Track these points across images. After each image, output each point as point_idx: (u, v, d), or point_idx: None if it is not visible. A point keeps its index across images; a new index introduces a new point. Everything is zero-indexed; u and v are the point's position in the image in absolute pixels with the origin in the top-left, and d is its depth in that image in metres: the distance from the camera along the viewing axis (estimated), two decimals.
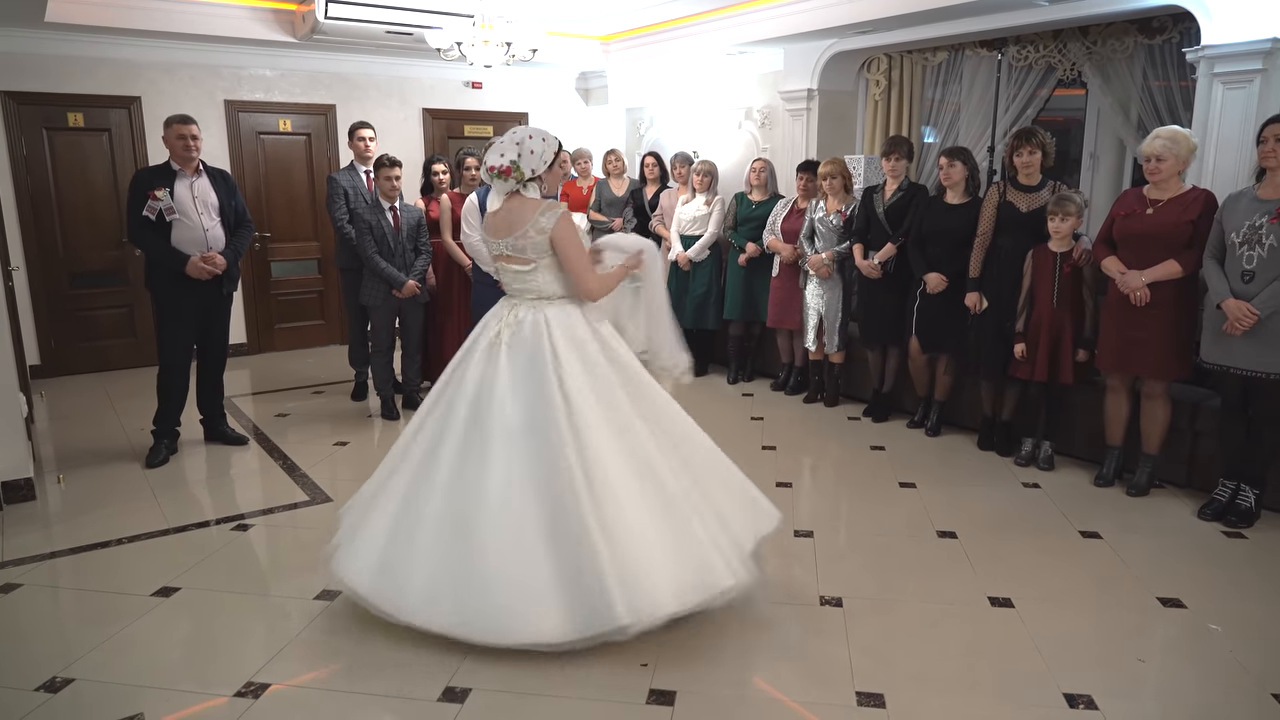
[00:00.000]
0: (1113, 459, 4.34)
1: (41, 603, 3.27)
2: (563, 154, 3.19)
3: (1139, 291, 3.96)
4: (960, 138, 6.36)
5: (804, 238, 5.67)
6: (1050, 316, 4.39)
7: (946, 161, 4.87)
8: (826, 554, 3.61)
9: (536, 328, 2.98)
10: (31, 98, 6.45)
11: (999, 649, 2.89)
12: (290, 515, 4.05)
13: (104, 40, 6.44)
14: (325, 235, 7.54)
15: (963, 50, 6.28)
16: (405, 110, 8.02)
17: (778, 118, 7.19)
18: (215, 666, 2.79)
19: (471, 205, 5.01)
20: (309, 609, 3.14)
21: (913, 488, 4.37)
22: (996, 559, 3.55)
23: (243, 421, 5.52)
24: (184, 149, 4.55)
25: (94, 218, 6.82)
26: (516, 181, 3.02)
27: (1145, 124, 5.43)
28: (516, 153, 2.99)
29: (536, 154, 3.01)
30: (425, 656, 2.82)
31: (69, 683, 2.69)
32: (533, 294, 3.06)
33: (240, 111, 7.27)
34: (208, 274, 4.58)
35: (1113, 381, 4.27)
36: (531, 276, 3.04)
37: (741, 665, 2.81)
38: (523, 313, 3.04)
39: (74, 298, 6.84)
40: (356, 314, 5.85)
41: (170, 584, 3.34)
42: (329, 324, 7.93)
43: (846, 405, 5.83)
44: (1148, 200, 4.02)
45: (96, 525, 3.91)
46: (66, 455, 4.91)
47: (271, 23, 6.61)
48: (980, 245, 4.69)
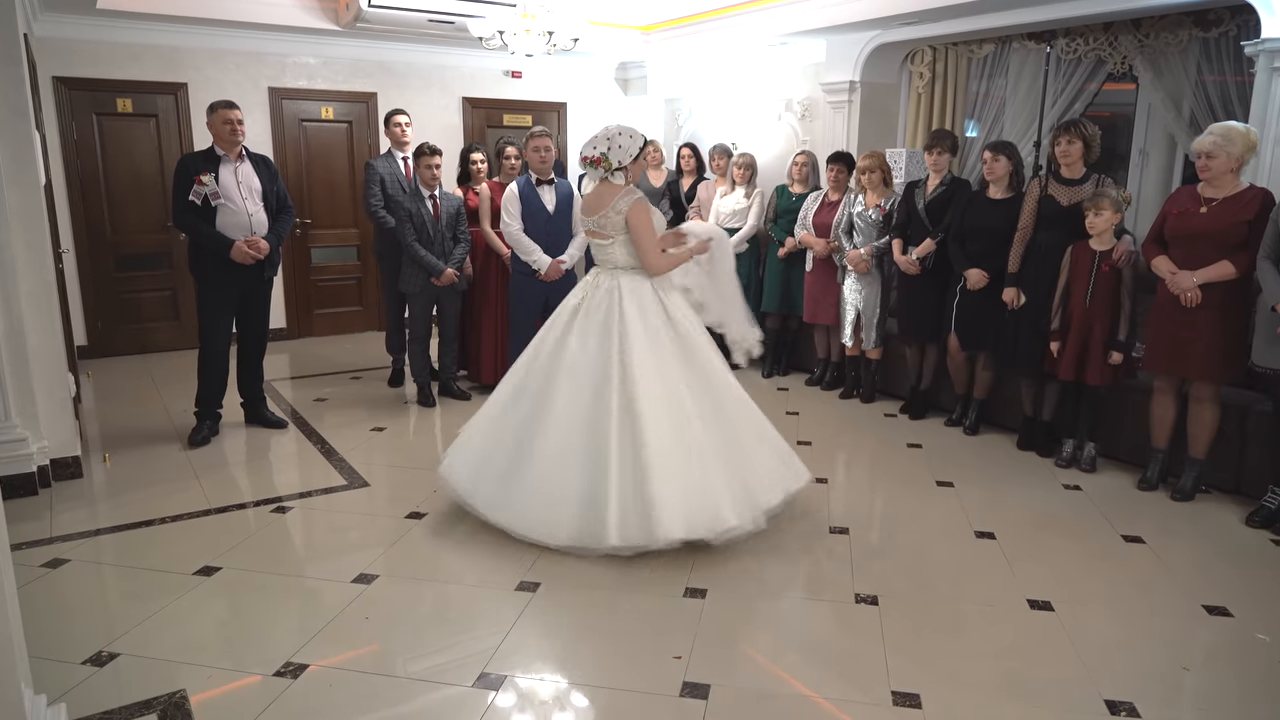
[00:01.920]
0: (1157, 462, 4.25)
1: (88, 578, 3.34)
2: (648, 148, 3.65)
3: (1190, 293, 3.86)
4: (1005, 132, 6.25)
5: (842, 232, 5.62)
6: (1082, 315, 4.30)
7: (991, 156, 4.78)
8: (862, 551, 3.58)
9: (610, 291, 3.62)
10: (82, 83, 6.58)
11: (1038, 652, 2.85)
12: (327, 499, 4.10)
13: (153, 27, 6.54)
14: (365, 222, 7.61)
15: (1010, 42, 6.17)
16: (446, 99, 8.06)
17: (818, 110, 7.11)
18: (254, 645, 2.83)
19: (511, 194, 5.02)
20: (345, 591, 3.18)
21: (950, 487, 4.32)
22: (1036, 561, 3.50)
23: (282, 405, 5.60)
24: (229, 134, 4.61)
25: (140, 202, 6.94)
26: (605, 170, 3.62)
27: (1198, 120, 5.30)
28: (607, 146, 3.59)
29: (624, 148, 3.60)
30: (462, 643, 2.85)
31: (114, 657, 2.74)
32: (611, 264, 3.70)
33: (284, 99, 7.35)
34: (251, 258, 4.64)
35: (1160, 383, 4.18)
36: (610, 249, 3.67)
37: (773, 661, 2.80)
38: (603, 279, 3.69)
39: (120, 280, 6.98)
40: (394, 301, 5.90)
41: (211, 563, 3.39)
42: (367, 310, 8.01)
43: (883, 402, 5.77)
44: (1202, 198, 3.92)
45: (140, 504, 3.99)
46: (112, 435, 5.01)
47: (316, 11, 6.67)
48: (1020, 239, 4.61)
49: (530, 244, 4.97)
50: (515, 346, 5.22)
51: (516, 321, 5.21)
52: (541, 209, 5.02)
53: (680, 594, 3.19)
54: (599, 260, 3.76)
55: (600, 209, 3.61)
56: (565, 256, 5.11)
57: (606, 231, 3.62)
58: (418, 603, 3.13)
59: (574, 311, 3.67)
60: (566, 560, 3.44)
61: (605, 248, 3.68)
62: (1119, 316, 4.26)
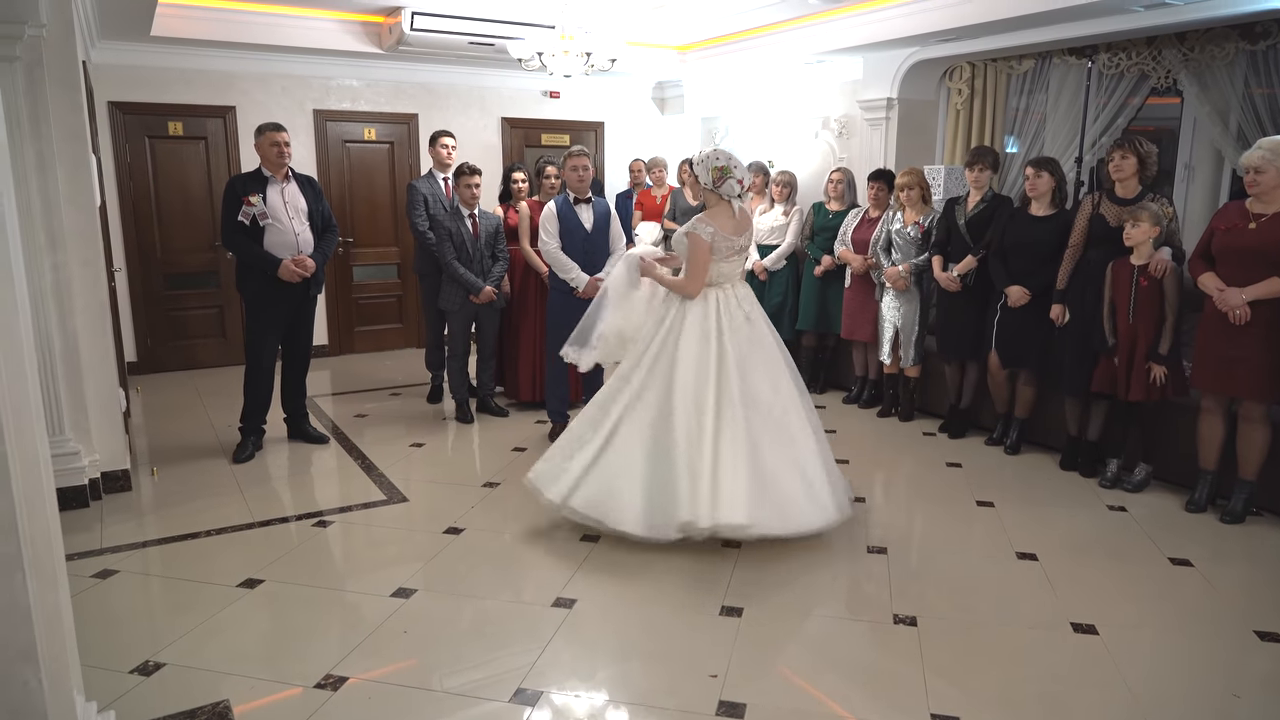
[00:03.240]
0: (1205, 484, 4.15)
1: (136, 589, 3.42)
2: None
3: (1239, 310, 3.78)
4: (1046, 148, 6.18)
5: (880, 249, 5.59)
6: (1126, 330, 4.24)
7: (1033, 172, 4.74)
8: (900, 571, 3.54)
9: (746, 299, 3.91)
10: (136, 107, 6.79)
11: (1082, 677, 2.79)
12: (366, 514, 4.16)
13: (204, 53, 6.74)
14: (405, 241, 7.74)
15: (1050, 58, 6.11)
16: (485, 119, 8.18)
17: (855, 127, 7.10)
18: (296, 658, 2.87)
19: (550, 213, 5.07)
20: (384, 605, 3.22)
21: (991, 507, 4.26)
22: (1079, 583, 3.43)
23: (323, 421, 5.69)
24: (277, 155, 4.73)
25: (190, 222, 7.13)
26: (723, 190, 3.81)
27: (1246, 134, 5.20)
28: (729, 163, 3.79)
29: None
30: (499, 658, 2.87)
31: (160, 667, 2.80)
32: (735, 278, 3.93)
33: (328, 120, 7.51)
34: (298, 276, 4.74)
35: (1207, 402, 4.09)
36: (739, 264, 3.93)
37: (810, 681, 2.77)
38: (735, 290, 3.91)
39: (169, 298, 7.16)
40: (434, 318, 5.98)
41: (254, 576, 3.46)
42: (407, 327, 8.12)
43: (922, 420, 5.71)
44: (1250, 214, 3.84)
45: (187, 517, 4.08)
46: (159, 449, 5.13)
47: (360, 34, 6.83)
48: (1070, 257, 4.55)
49: (568, 262, 5.01)
50: (553, 363, 5.27)
51: (554, 339, 5.24)
52: (579, 227, 5.07)
53: (716, 612, 3.17)
54: (727, 277, 3.86)
55: (749, 223, 3.91)
56: (603, 274, 5.14)
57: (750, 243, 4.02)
58: (455, 617, 3.16)
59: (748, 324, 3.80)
60: (603, 577, 3.45)
61: (739, 263, 3.91)
62: (1162, 330, 4.19)
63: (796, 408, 3.78)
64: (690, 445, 3.58)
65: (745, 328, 3.79)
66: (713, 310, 3.78)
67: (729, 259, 3.83)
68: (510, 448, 5.13)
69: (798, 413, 3.77)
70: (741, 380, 3.67)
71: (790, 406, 3.75)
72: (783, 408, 3.73)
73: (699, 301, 3.79)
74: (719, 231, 3.77)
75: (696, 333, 3.75)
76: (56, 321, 3.97)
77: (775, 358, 3.83)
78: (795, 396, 3.81)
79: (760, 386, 3.71)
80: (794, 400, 3.79)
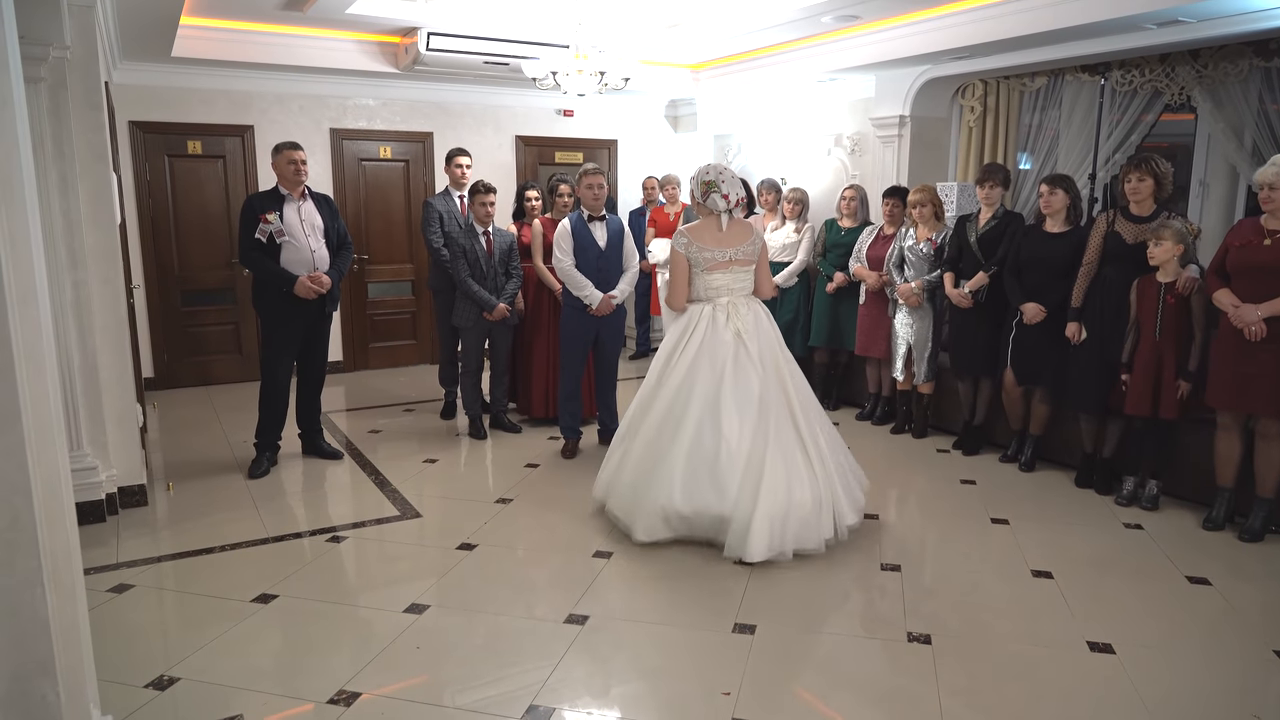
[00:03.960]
0: (1223, 501, 4.12)
1: (151, 603, 3.44)
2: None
3: (1255, 326, 3.76)
4: (1059, 165, 6.18)
5: (893, 266, 5.59)
6: (1152, 348, 4.22)
7: (1048, 189, 4.74)
8: (914, 589, 3.52)
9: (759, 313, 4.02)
10: (156, 127, 6.89)
11: (1099, 697, 2.76)
12: (379, 529, 4.17)
13: (223, 73, 6.84)
14: (419, 258, 7.80)
15: (1063, 75, 6.12)
16: (499, 137, 8.25)
17: (868, 144, 7.12)
18: (309, 673, 2.88)
19: (564, 230, 5.10)
20: (397, 621, 3.22)
21: (1005, 524, 4.23)
22: (1096, 602, 3.40)
23: (337, 436, 5.72)
24: (294, 174, 4.78)
25: (207, 239, 7.21)
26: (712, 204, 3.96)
27: (1260, 150, 5.18)
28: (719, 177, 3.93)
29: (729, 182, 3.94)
30: (511, 675, 2.87)
31: (174, 681, 2.82)
32: (746, 290, 4.02)
33: (344, 139, 7.60)
34: (314, 293, 4.78)
35: (1224, 419, 4.06)
36: (748, 277, 4.02)
37: (822, 700, 2.76)
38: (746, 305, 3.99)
39: (186, 315, 7.23)
40: (448, 335, 6.02)
41: (268, 591, 3.47)
42: (420, 344, 8.17)
43: (935, 437, 5.68)
44: (1265, 230, 3.83)
45: (202, 532, 4.10)
46: (175, 464, 5.17)
47: (376, 54, 6.91)
48: (1085, 275, 4.53)
49: (582, 279, 5.04)
50: (566, 380, 5.28)
51: (567, 355, 5.27)
52: (593, 244, 5.10)
53: (729, 629, 3.17)
54: (734, 289, 3.94)
55: (748, 237, 3.97)
56: (616, 291, 5.16)
57: (752, 258, 3.98)
58: (467, 633, 3.16)
59: (736, 341, 3.84)
60: (615, 593, 3.45)
61: (746, 275, 3.98)
62: (1189, 348, 4.16)
63: (773, 442, 3.72)
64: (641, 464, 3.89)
65: (731, 345, 3.83)
66: (690, 324, 3.93)
67: (713, 271, 3.90)
68: (523, 464, 5.14)
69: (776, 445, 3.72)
70: (704, 400, 3.77)
71: (763, 442, 3.71)
72: (750, 446, 3.71)
73: (683, 314, 3.99)
74: (694, 243, 3.88)
75: (668, 345, 4.00)
76: (76, 338, 4.02)
77: (751, 390, 3.78)
78: (773, 430, 3.75)
79: (728, 419, 3.74)
80: (769, 434, 3.73)
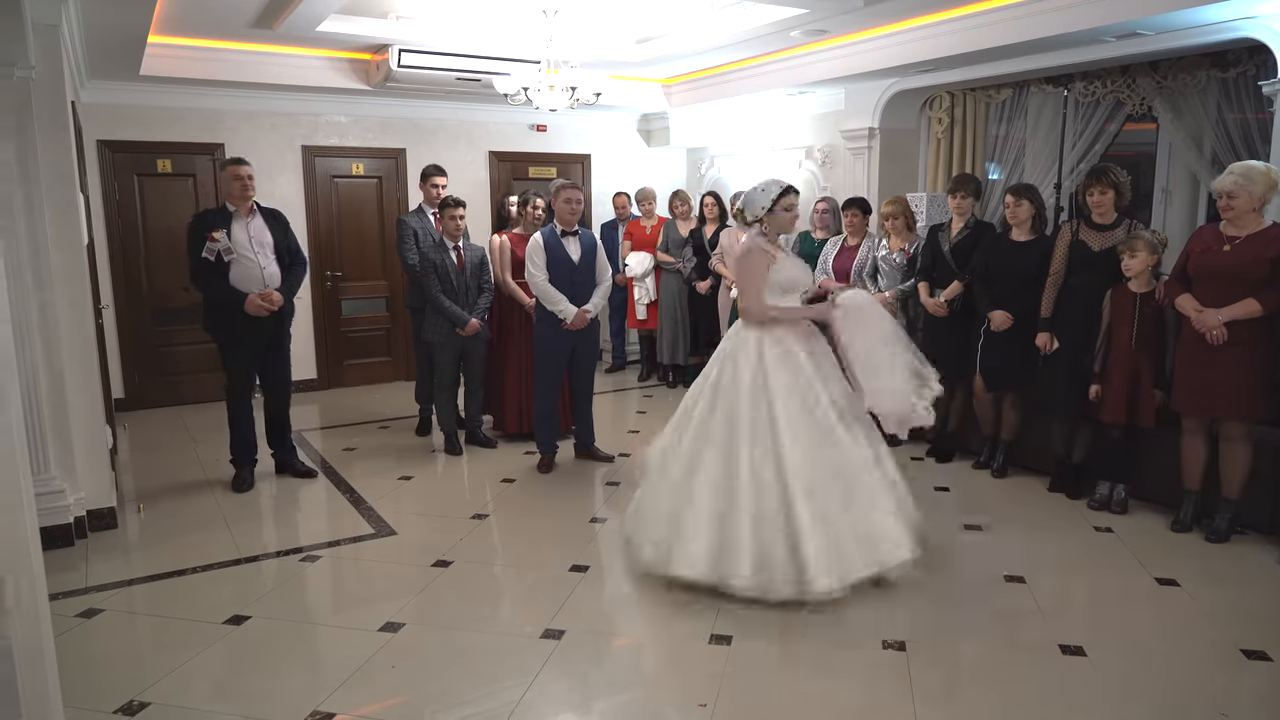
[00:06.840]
0: (1190, 504, 4.18)
1: (121, 627, 3.39)
2: (785, 199, 3.73)
3: (1216, 330, 3.84)
4: (1026, 174, 6.28)
5: (866, 276, 5.64)
6: (1128, 357, 4.28)
7: (1013, 200, 4.81)
8: (888, 597, 3.53)
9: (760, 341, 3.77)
10: (125, 146, 6.83)
11: (1071, 699, 2.80)
12: (355, 548, 4.14)
13: (192, 91, 6.80)
14: (393, 275, 7.77)
15: (1028, 86, 6.22)
16: (472, 153, 8.25)
17: (839, 156, 7.19)
18: (283, 695, 2.85)
19: (536, 245, 5.11)
20: (373, 640, 3.20)
21: (979, 530, 4.27)
22: (1067, 605, 3.45)
23: (312, 455, 5.68)
24: (240, 189, 4.74)
25: (177, 258, 7.03)
26: (742, 222, 3.89)
27: (1220, 158, 5.30)
28: (744, 200, 3.81)
29: (755, 201, 3.75)
30: (488, 693, 2.85)
31: (144, 706, 2.78)
32: None
33: (316, 156, 7.57)
34: (265, 310, 4.74)
35: (1189, 423, 4.13)
36: None
37: (798, 709, 2.77)
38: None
39: (157, 335, 7.15)
40: (424, 352, 5.99)
41: (241, 612, 3.43)
42: (396, 360, 8.12)
43: (909, 445, 5.71)
44: (1225, 236, 3.91)
45: (173, 554, 4.05)
46: (146, 486, 5.11)
47: (348, 72, 6.90)
48: (1052, 284, 4.60)
49: (556, 294, 5.04)
50: (540, 395, 5.28)
51: (542, 370, 5.27)
52: (566, 259, 5.11)
53: (706, 640, 3.17)
54: None
55: None
56: (590, 305, 5.17)
57: None
58: (444, 651, 3.14)
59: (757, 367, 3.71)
60: (591, 607, 3.45)
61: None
62: (1165, 356, 4.24)
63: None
64: None
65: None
66: None
67: None
68: (499, 479, 5.12)
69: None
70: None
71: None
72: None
73: None
74: None
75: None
76: (43, 360, 3.97)
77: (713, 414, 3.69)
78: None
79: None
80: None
